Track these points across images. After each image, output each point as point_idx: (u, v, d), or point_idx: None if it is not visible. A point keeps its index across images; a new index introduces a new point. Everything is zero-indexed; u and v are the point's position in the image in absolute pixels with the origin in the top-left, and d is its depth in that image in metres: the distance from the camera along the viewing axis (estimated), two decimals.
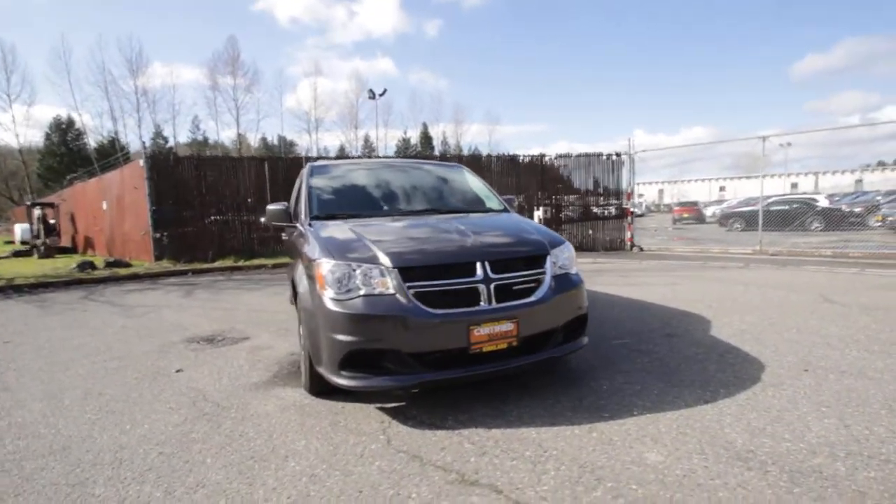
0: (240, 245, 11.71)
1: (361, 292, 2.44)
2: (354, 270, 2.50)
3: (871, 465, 1.94)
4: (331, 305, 2.44)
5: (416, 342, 2.40)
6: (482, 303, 2.50)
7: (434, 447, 2.21)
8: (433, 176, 4.16)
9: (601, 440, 2.22)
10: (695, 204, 28.00)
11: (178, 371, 3.52)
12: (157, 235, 10.81)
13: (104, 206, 13.29)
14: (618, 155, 12.21)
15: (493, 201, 3.92)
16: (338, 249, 2.64)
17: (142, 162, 10.73)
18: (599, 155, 12.42)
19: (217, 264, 10.58)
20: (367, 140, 49.33)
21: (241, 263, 10.64)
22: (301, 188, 3.87)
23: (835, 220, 15.65)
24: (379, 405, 2.71)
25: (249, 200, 11.80)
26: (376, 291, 2.44)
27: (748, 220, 17.36)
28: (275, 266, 10.47)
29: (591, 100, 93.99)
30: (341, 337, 2.39)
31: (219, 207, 11.63)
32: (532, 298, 2.61)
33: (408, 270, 2.46)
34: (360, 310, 2.40)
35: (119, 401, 2.96)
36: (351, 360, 2.40)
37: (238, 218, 11.77)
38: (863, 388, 2.69)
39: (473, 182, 4.21)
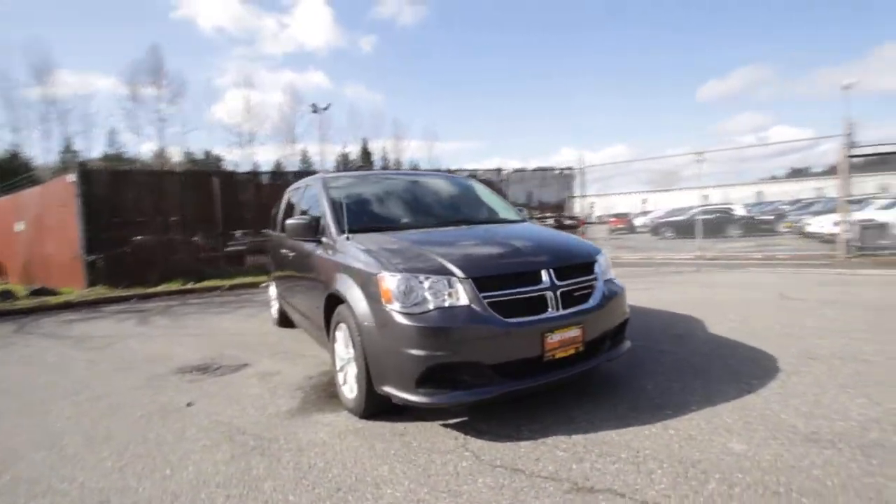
0: (186, 266, 10.82)
1: (433, 304, 2.37)
2: (422, 282, 2.42)
3: None
4: (403, 320, 2.35)
5: (495, 353, 2.37)
6: (550, 310, 2.52)
7: (527, 458, 2.18)
8: (451, 187, 4.15)
9: (681, 436, 2.31)
10: (626, 215, 30.06)
11: (188, 405, 3.17)
12: (91, 258, 9.70)
13: (18, 227, 11.72)
14: (570, 169, 12.88)
15: (511, 211, 3.99)
16: (400, 261, 2.54)
17: (71, 177, 9.64)
18: (552, 169, 13.03)
19: (162, 288, 9.68)
20: (304, 155, 47.90)
21: (191, 286, 9.82)
22: (315, 202, 3.69)
23: (751, 227, 17.57)
24: (441, 422, 2.62)
25: (179, 219, 10.99)
26: (448, 303, 2.38)
27: (678, 229, 18.97)
28: (232, 287, 9.79)
29: (521, 117, 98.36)
30: (419, 352, 2.30)
31: (161, 226, 10.71)
32: (591, 304, 2.68)
33: (481, 280, 2.43)
34: (438, 322, 2.32)
35: (137, 443, 2.61)
36: (429, 376, 2.31)
37: (184, 237, 10.90)
38: (869, 371, 3.03)
39: (486, 193, 4.25)
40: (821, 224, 14.52)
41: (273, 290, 5.66)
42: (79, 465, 2.38)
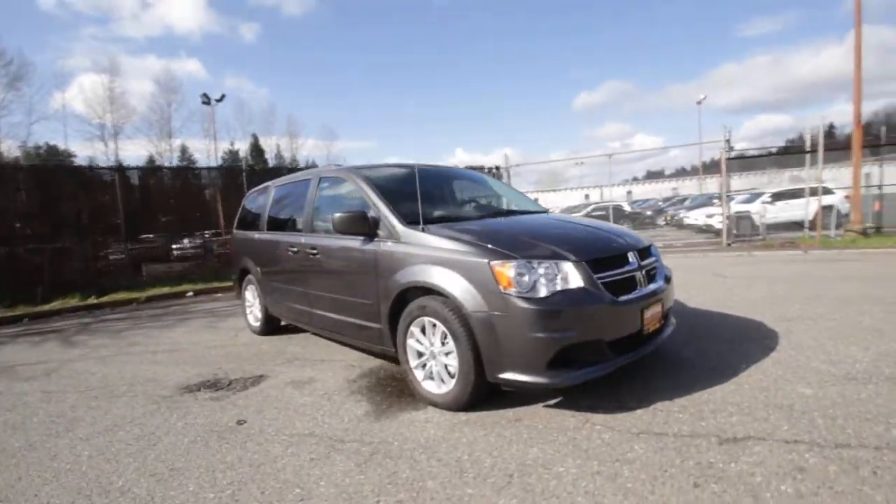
0: (82, 277, 9.17)
1: (551, 288, 2.44)
2: (536, 268, 2.48)
3: None
4: (529, 305, 2.38)
5: (611, 329, 2.52)
6: (640, 288, 2.75)
7: (657, 423, 2.36)
8: (478, 180, 4.18)
9: (758, 388, 2.68)
10: None
11: (240, 423, 2.81)
12: None
13: None
14: (497, 168, 13.49)
15: (533, 203, 4.16)
16: (510, 248, 2.56)
17: None
18: (482, 168, 13.52)
19: (59, 305, 8.09)
20: (184, 151, 42.82)
21: (95, 301, 8.34)
22: (357, 195, 3.47)
23: (637, 220, 20.07)
24: (542, 405, 2.70)
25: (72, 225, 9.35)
26: (563, 286, 2.47)
27: None
28: (150, 299, 8.54)
29: (415, 117, 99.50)
30: (551, 335, 2.35)
31: (51, 232, 8.95)
32: (662, 282, 2.97)
33: (591, 263, 2.56)
34: (565, 305, 2.40)
35: (226, 470, 2.26)
36: (560, 358, 2.37)
37: (81, 244, 9.22)
38: (839, 326, 3.79)
39: (503, 186, 4.37)
40: (696, 217, 17.24)
41: (251, 295, 5.13)
42: (182, 498, 2.00)
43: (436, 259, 2.75)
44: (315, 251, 3.72)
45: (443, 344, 2.75)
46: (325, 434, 2.57)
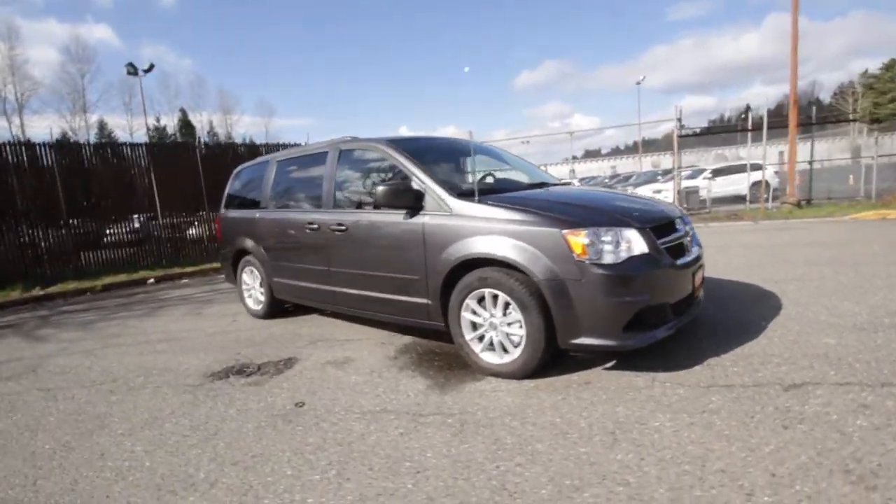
0: (13, 267, 8.20)
1: (626, 254, 2.53)
2: (607, 235, 2.55)
3: None
4: (605, 271, 2.45)
5: (673, 292, 2.67)
6: (687, 253, 2.91)
7: (719, 378, 2.54)
8: (492, 153, 4.18)
9: (788, 341, 2.95)
10: None
11: (299, 405, 2.70)
12: None
13: None
14: None
15: (550, 175, 4.24)
16: (580, 217, 2.61)
17: None
18: None
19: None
20: (102, 128, 38.77)
21: (41, 293, 7.51)
22: (391, 167, 3.36)
23: None
24: (601, 368, 2.82)
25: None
26: (633, 252, 2.56)
27: None
28: (106, 288, 7.84)
29: (355, 94, 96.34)
30: (628, 298, 2.45)
31: None
32: (699, 249, 3.16)
33: (654, 230, 2.67)
34: (639, 269, 2.50)
35: (315, 451, 2.18)
36: (636, 320, 2.48)
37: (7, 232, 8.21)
38: (825, 285, 4.22)
39: (516, 158, 4.39)
40: (644, 193, 18.33)
41: (249, 278, 4.86)
42: (316, 487, 1.91)
43: (498, 230, 2.75)
44: (342, 227, 3.57)
45: (504, 314, 2.78)
46: (399, 409, 2.53)
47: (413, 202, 3.09)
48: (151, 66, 22.28)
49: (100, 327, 5.16)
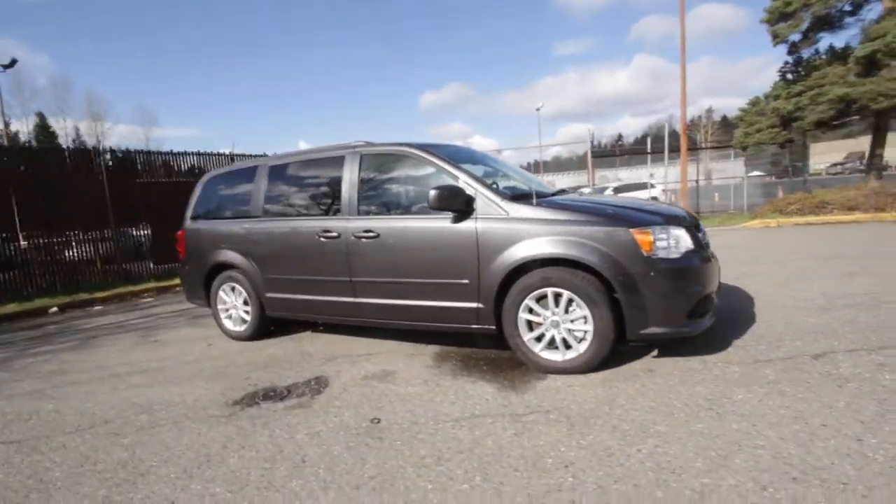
0: None
1: (683, 249, 2.80)
2: (663, 233, 2.79)
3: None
4: (671, 265, 2.70)
5: (713, 284, 2.99)
6: (710, 251, 3.30)
7: (756, 354, 2.91)
8: (497, 161, 4.31)
9: (782, 322, 3.47)
10: None
11: (374, 421, 2.51)
12: None
13: None
14: None
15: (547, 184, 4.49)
16: (638, 218, 2.83)
17: None
18: None
19: None
20: None
21: None
22: (428, 173, 3.31)
23: None
24: (651, 356, 3.05)
25: None
26: (687, 247, 2.84)
27: None
28: (33, 312, 6.41)
29: (249, 106, 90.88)
30: (691, 290, 2.72)
31: None
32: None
33: (693, 228, 2.99)
34: (695, 263, 2.79)
35: (443, 462, 2.05)
36: (697, 308, 2.75)
37: None
38: (776, 277, 5.00)
39: (510, 166, 4.59)
40: None
41: (228, 296, 4.37)
42: None
43: (561, 232, 2.86)
44: (371, 234, 3.41)
45: (566, 312, 2.88)
46: (491, 412, 2.49)
47: (464, 206, 3.08)
48: (13, 62, 18.63)
49: (26, 364, 4.21)
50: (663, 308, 2.71)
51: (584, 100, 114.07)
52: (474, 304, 3.13)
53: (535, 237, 2.91)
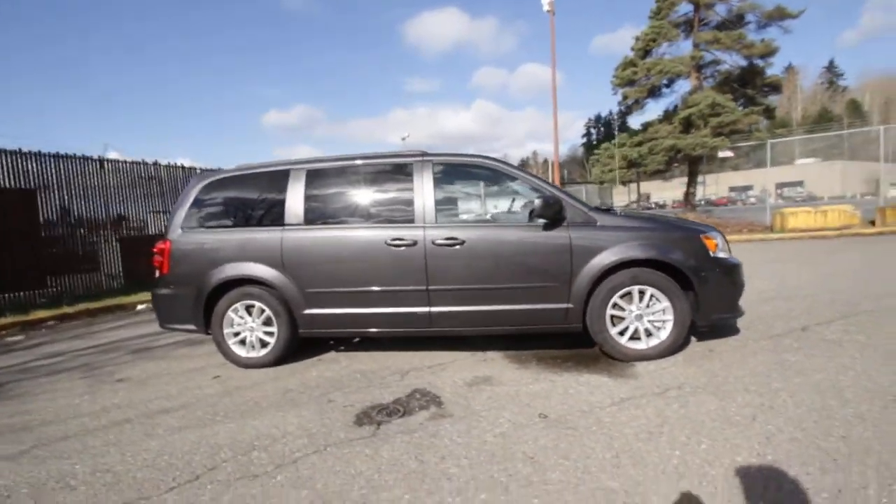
0: None
1: (728, 251, 3.51)
2: (720, 238, 3.48)
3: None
4: (733, 262, 3.42)
5: None
6: None
7: (764, 335, 3.74)
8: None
9: (766, 308, 4.48)
10: None
11: (542, 416, 2.56)
12: None
13: None
14: None
15: None
16: (696, 225, 3.49)
17: None
18: None
19: None
20: None
21: None
22: (510, 183, 3.51)
23: None
24: (696, 342, 3.69)
25: None
26: (729, 250, 3.57)
27: None
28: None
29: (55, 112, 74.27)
30: (741, 281, 3.44)
31: None
32: None
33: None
34: (740, 262, 3.50)
35: (635, 442, 2.24)
36: (740, 296, 3.47)
37: None
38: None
39: None
40: None
41: (251, 317, 3.79)
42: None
43: (643, 237, 3.32)
44: (457, 241, 3.41)
45: (648, 306, 3.35)
46: (630, 396, 2.74)
47: (560, 215, 3.35)
48: None
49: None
50: (726, 297, 3.37)
51: (433, 134, 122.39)
52: (564, 305, 3.38)
53: (623, 242, 3.32)
